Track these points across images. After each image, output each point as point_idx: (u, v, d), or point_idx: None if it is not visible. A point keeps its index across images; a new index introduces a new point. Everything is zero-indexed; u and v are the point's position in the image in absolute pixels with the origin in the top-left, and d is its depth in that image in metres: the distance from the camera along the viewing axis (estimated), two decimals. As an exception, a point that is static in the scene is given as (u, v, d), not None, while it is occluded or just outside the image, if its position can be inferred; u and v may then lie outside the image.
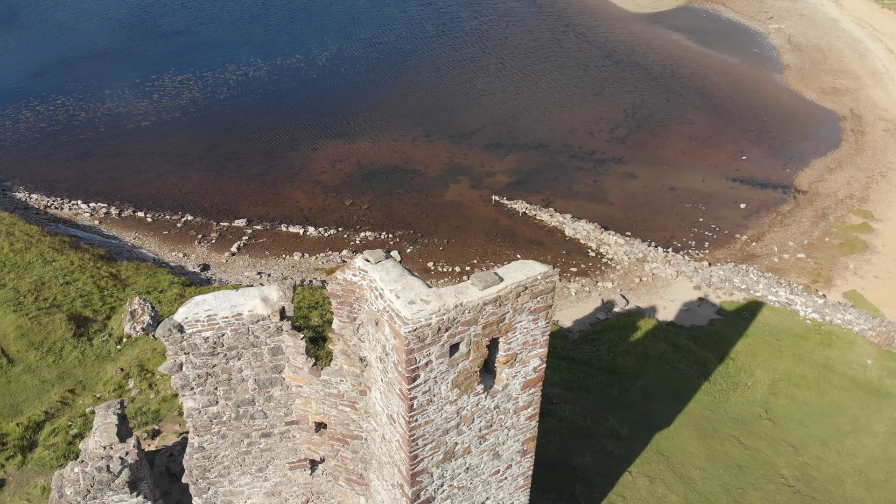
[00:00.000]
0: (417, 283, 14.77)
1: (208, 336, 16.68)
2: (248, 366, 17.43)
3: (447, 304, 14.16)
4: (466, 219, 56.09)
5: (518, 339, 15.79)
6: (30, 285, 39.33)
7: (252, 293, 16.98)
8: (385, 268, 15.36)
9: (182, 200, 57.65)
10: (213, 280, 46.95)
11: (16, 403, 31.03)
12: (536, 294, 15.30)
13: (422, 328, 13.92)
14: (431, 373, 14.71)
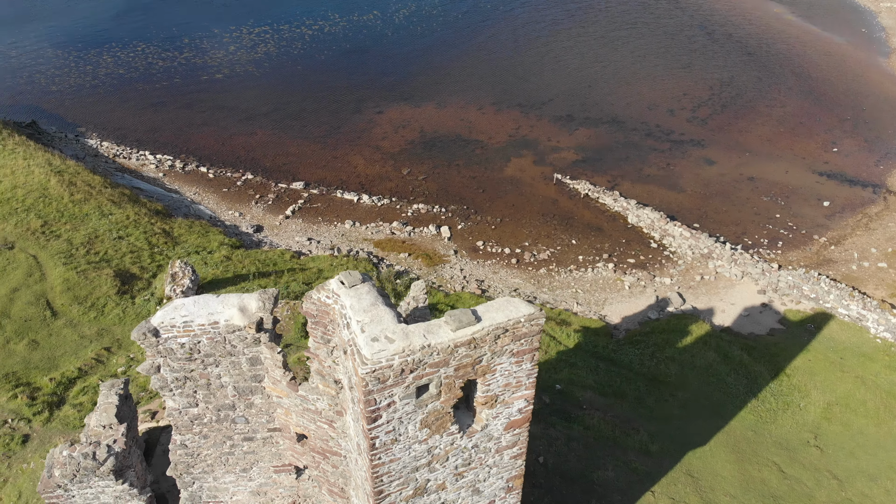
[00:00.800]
0: (387, 316, 13.61)
1: (184, 342, 16.14)
2: (226, 373, 16.87)
3: (413, 344, 12.97)
4: (524, 197, 54.12)
5: (498, 381, 14.47)
6: (83, 238, 40.54)
7: (231, 301, 16.27)
8: (358, 294, 14.25)
9: (245, 158, 58.13)
10: (263, 243, 47.27)
11: (53, 357, 32.14)
12: (519, 337, 13.89)
13: (382, 369, 12.82)
14: (395, 413, 13.65)
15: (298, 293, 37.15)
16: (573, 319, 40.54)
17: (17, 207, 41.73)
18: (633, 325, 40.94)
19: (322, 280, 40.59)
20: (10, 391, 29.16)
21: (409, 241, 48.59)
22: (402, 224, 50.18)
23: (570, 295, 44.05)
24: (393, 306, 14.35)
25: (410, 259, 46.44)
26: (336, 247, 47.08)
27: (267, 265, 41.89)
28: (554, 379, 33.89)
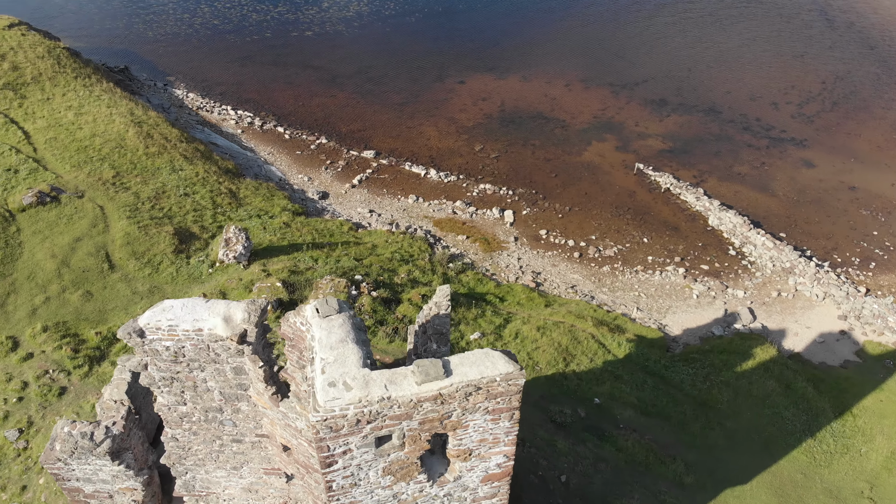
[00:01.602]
0: (353, 357, 12.64)
1: (169, 346, 15.80)
2: (212, 378, 16.47)
3: (371, 395, 11.97)
4: (599, 186, 51.52)
5: (472, 437, 13.30)
6: (151, 192, 41.63)
7: (218, 309, 15.72)
8: (329, 326, 13.32)
9: (322, 120, 58.09)
10: (326, 211, 47.24)
11: (104, 311, 33.26)
12: (494, 395, 12.62)
13: (335, 418, 11.92)
14: (353, 460, 12.78)
15: (347, 269, 36.85)
16: (629, 326, 38.41)
17: (92, 156, 43.27)
18: (694, 340, 38.38)
19: (374, 256, 40.15)
20: (57, 341, 30.38)
21: (470, 222, 47.32)
22: (465, 204, 48.90)
23: (632, 299, 41.74)
24: (366, 343, 13.36)
25: (468, 242, 45.25)
26: (395, 222, 46.47)
27: (323, 235, 41.81)
28: (594, 392, 32.26)
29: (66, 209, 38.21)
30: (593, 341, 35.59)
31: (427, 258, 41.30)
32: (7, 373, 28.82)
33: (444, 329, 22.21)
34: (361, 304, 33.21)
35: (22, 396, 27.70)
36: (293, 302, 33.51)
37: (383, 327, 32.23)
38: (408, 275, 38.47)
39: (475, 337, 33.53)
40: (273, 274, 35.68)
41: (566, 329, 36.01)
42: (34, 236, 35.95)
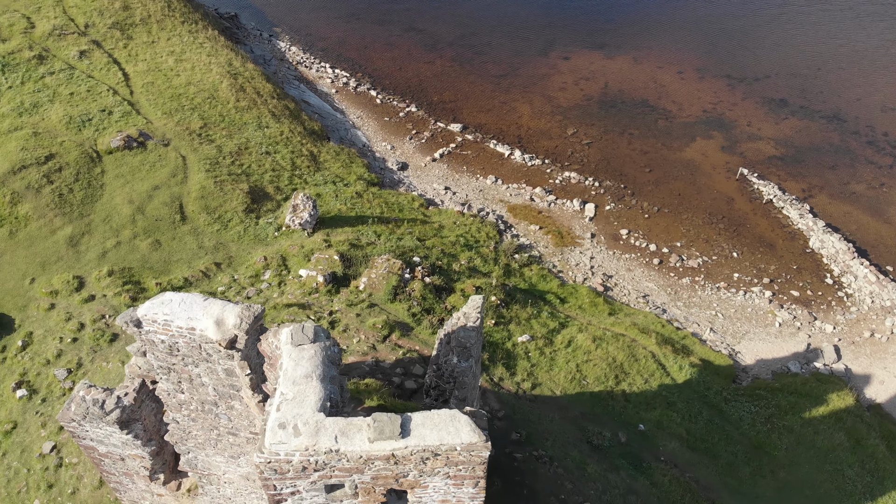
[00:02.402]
0: (312, 398, 11.89)
1: (164, 339, 15.65)
2: (206, 374, 16.27)
3: (319, 445, 11.21)
4: (696, 188, 48.07)
5: (433, 497, 12.35)
6: (233, 147, 42.37)
7: (213, 310, 15.34)
8: (299, 357, 12.60)
9: (415, 87, 57.18)
10: (402, 183, 46.66)
11: (169, 261, 34.33)
12: (455, 463, 11.55)
13: (279, 462, 11.27)
14: (303, 500, 12.15)
15: (407, 249, 36.23)
16: (697, 349, 35.85)
17: (184, 105, 44.44)
18: (765, 374, 35.38)
19: (438, 238, 39.29)
20: (119, 287, 31.65)
21: (547, 212, 45.41)
22: (545, 191, 46.93)
23: (707, 318, 38.90)
24: (333, 380, 12.57)
25: (540, 233, 43.49)
26: (469, 203, 45.28)
27: (392, 209, 41.31)
28: (641, 417, 30.36)
29: (151, 156, 39.52)
30: (652, 361, 33.45)
31: (492, 246, 40.02)
32: (68, 312, 30.35)
33: (469, 343, 21.15)
34: (412, 288, 32.57)
35: (76, 338, 29.10)
36: (346, 277, 33.34)
37: (429, 316, 31.51)
38: (468, 262, 37.42)
39: (524, 339, 32.23)
40: (334, 245, 35.60)
41: (625, 343, 34.00)
42: (116, 180, 37.46)
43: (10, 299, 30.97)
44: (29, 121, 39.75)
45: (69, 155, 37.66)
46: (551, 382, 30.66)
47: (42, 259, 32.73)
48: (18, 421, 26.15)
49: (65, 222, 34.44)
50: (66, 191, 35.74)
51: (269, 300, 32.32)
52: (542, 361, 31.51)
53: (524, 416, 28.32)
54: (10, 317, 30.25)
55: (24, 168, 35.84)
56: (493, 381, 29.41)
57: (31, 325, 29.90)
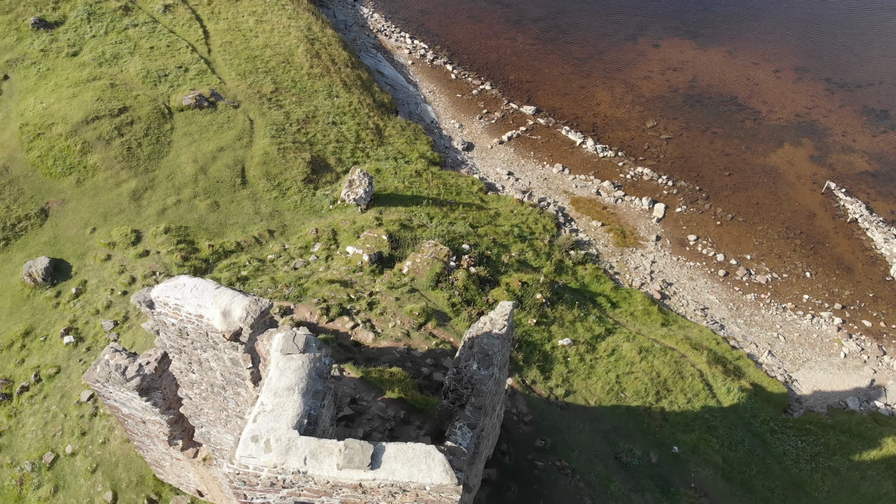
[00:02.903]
0: (291, 412, 11.57)
1: (174, 322, 15.71)
2: (213, 360, 16.28)
3: (287, 465, 10.90)
4: (776, 198, 45.13)
5: (405, 528, 11.87)
6: (301, 114, 42.52)
7: (221, 300, 15.21)
8: (286, 367, 12.29)
9: (493, 64, 55.79)
10: (465, 164, 45.80)
11: (224, 224, 34.93)
12: (424, 501, 11.03)
13: (248, 475, 11.05)
14: (275, 514, 11.93)
15: (457, 235, 35.59)
16: (750, 372, 33.92)
17: (259, 67, 44.79)
18: (820, 407, 33.16)
19: (492, 226, 38.42)
20: (173, 244, 32.45)
21: (612, 208, 43.67)
22: (613, 186, 45.10)
23: (767, 339, 36.71)
24: (317, 394, 12.18)
25: (601, 230, 41.90)
26: (530, 191, 44.04)
27: (450, 192, 40.64)
28: (677, 438, 29.03)
29: (219, 117, 40.13)
30: (699, 380, 31.86)
31: (548, 240, 38.85)
32: (122, 265, 31.38)
33: (492, 351, 20.47)
34: (455, 277, 31.99)
35: (126, 291, 30.08)
36: (392, 258, 33.05)
37: (469, 308, 30.91)
38: (519, 255, 36.47)
39: (564, 343, 31.23)
40: (384, 224, 35.34)
41: (673, 358, 32.48)
42: (184, 138, 38.25)
43: (71, 246, 32.27)
44: (108, 71, 40.99)
45: (142, 109, 38.66)
46: (587, 391, 29.65)
47: (105, 210, 33.90)
48: (62, 366, 27.33)
49: (130, 176, 35.50)
50: (134, 145, 36.77)
51: (314, 273, 32.46)
52: (580, 368, 30.49)
53: (552, 424, 27.53)
54: (68, 263, 31.55)
55: (98, 119, 37.04)
56: (525, 384, 28.66)
57: (86, 274, 31.10)
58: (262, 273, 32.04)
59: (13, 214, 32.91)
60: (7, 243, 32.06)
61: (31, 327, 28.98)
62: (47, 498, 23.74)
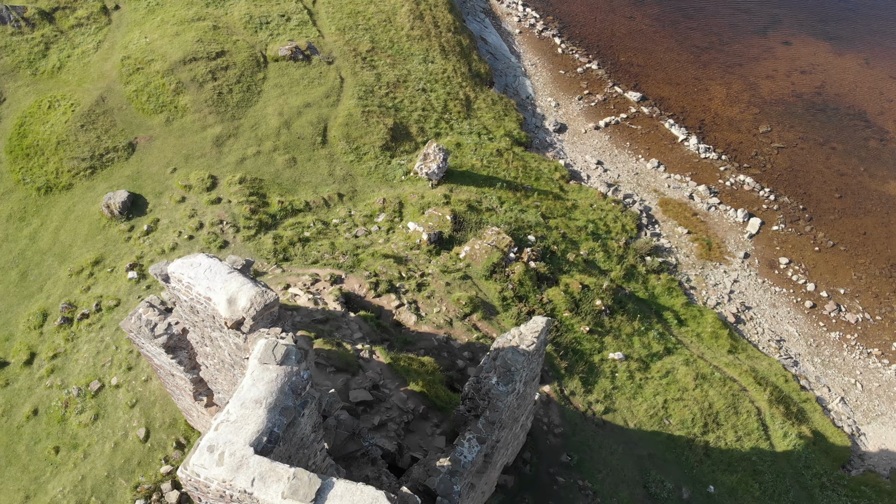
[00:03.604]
0: (251, 428, 11.36)
1: (186, 299, 15.85)
2: (221, 340, 16.38)
3: (235, 483, 10.75)
4: (887, 230, 40.87)
5: (349, 565, 11.54)
6: (392, 78, 41.99)
7: (231, 286, 15.12)
8: (259, 377, 12.04)
9: (604, 42, 52.96)
10: (552, 147, 44.05)
11: (298, 182, 35.26)
12: (364, 549, 10.61)
13: (198, 483, 11.02)
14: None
15: (525, 225, 34.40)
16: (814, 418, 31.34)
17: (359, 24, 44.40)
18: (882, 468, 30.26)
19: (565, 219, 36.90)
20: (245, 196, 33.10)
21: (703, 216, 40.91)
22: (709, 191, 42.15)
23: (843, 385, 33.71)
24: (286, 412, 11.88)
25: (686, 238, 39.38)
26: (617, 185, 41.85)
27: (529, 176, 39.26)
28: (715, 477, 27.34)
29: (312, 71, 40.24)
30: (755, 418, 29.73)
31: (624, 241, 36.94)
32: (194, 209, 32.37)
33: (515, 367, 19.63)
34: (512, 270, 30.97)
35: (193, 236, 31.07)
36: (451, 241, 32.38)
37: (520, 304, 29.93)
38: (588, 254, 34.91)
39: (615, 357, 29.79)
40: (452, 203, 34.63)
41: (731, 391, 30.42)
42: (273, 89, 38.67)
43: (151, 183, 33.58)
44: (213, 13, 41.80)
45: (239, 55, 39.29)
46: (628, 412, 28.28)
47: (187, 152, 34.96)
48: (122, 300, 28.71)
49: (216, 121, 36.33)
50: (225, 90, 37.53)
51: (372, 244, 32.37)
52: (626, 386, 29.07)
53: (583, 440, 26.51)
54: (145, 200, 32.89)
55: (195, 60, 37.97)
56: (563, 394, 27.63)
57: (160, 213, 32.34)
58: (323, 236, 32.26)
59: (103, 145, 34.51)
60: (93, 172, 33.74)
61: (101, 257, 30.55)
62: (87, 424, 25.21)
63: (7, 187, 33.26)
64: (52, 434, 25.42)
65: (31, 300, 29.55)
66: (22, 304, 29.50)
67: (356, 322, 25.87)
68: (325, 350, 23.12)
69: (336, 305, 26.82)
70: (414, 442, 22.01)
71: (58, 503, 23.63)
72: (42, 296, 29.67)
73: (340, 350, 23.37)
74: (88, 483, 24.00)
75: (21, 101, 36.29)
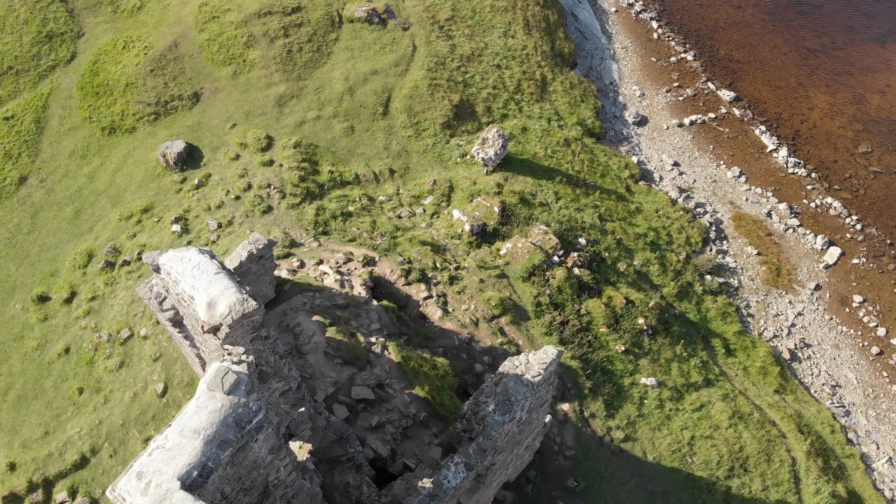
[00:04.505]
0: (183, 459, 11.03)
1: (173, 293, 15.63)
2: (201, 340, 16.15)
3: None
4: None
5: None
6: (467, 50, 40.39)
7: (214, 289, 14.74)
8: (203, 406, 11.63)
9: (706, 33, 49.19)
10: (628, 141, 41.58)
11: (352, 152, 34.66)
12: None
13: None
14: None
15: (578, 226, 32.76)
16: (855, 476, 28.95)
17: (443, -10, 42.75)
18: (932, 552, 27.70)
19: (624, 223, 34.93)
20: (297, 161, 32.79)
21: (778, 237, 37.88)
22: (790, 211, 38.91)
23: (894, 444, 30.98)
24: (225, 444, 11.44)
25: (755, 260, 36.61)
26: (690, 192, 39.19)
27: (594, 171, 37.29)
28: (731, 527, 25.70)
29: (385, 37, 39.18)
30: (788, 470, 27.70)
31: (685, 255, 34.69)
32: (245, 168, 32.41)
33: (516, 398, 18.66)
34: (553, 275, 29.57)
35: (240, 196, 31.16)
36: (495, 234, 31.19)
37: (554, 313, 28.62)
38: (641, 265, 32.98)
39: (648, 382, 28.19)
40: (503, 194, 33.30)
41: (767, 436, 28.39)
42: (343, 52, 37.92)
43: (209, 137, 33.79)
44: (296, -33, 41.14)
45: (314, 13, 38.62)
46: (649, 443, 26.85)
47: (249, 108, 34.90)
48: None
49: (282, 80, 36.04)
50: (295, 49, 37.07)
51: (414, 227, 31.62)
52: (653, 415, 27.54)
53: (594, 467, 25.40)
54: (201, 153, 33.17)
55: (270, 14, 37.58)
56: (581, 415, 26.43)
57: (213, 168, 32.58)
58: (366, 213, 31.72)
59: (169, 91, 34.89)
60: (156, 118, 34.24)
61: (151, 205, 31.16)
62: (112, 370, 26.03)
63: (74, 123, 34.25)
64: (79, 375, 26.43)
65: (81, 239, 30.55)
66: (72, 241, 30.56)
67: (377, 311, 25.37)
68: (335, 340, 22.77)
69: (361, 290, 26.37)
70: (409, 449, 21.54)
71: (73, 443, 24.66)
72: (91, 236, 30.62)
73: (352, 342, 22.97)
74: (104, 428, 24.88)
75: (98, 38, 37.04)
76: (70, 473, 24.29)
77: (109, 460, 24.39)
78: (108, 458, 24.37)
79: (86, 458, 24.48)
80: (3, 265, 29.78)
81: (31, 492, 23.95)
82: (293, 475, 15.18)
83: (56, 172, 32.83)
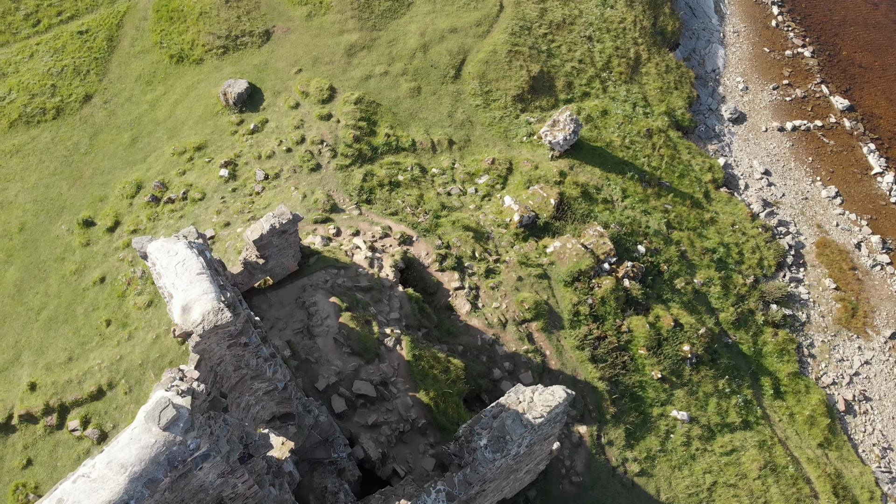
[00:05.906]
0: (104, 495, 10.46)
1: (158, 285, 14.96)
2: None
3: None
4: None
5: None
6: (559, 16, 37.53)
7: (192, 291, 13.93)
8: (135, 440, 10.98)
9: (832, 27, 43.95)
10: (718, 139, 37.99)
11: (415, 116, 33.00)
12: None
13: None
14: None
15: (637, 231, 30.42)
16: (893, 558, 26.52)
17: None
18: None
19: (692, 234, 32.27)
20: (354, 119, 31.41)
21: (862, 273, 34.23)
22: (883, 246, 35.00)
23: (952, 529, 28.07)
24: (150, 484, 10.79)
25: (831, 295, 33.26)
26: (775, 207, 35.70)
27: (672, 170, 34.40)
28: (735, 588, 24.07)
29: (474, -9, 36.67)
30: (813, 536, 25.59)
31: (752, 279, 31.81)
32: (302, 119, 31.41)
33: (511, 437, 17.40)
34: (599, 283, 27.59)
35: (291, 149, 30.31)
36: (545, 229, 29.29)
37: (592, 325, 26.82)
38: (702, 283, 30.42)
39: (679, 416, 26.28)
40: (565, 184, 31.16)
41: (798, 495, 26.21)
42: (424, 4, 35.83)
43: (273, 80, 32.85)
44: None
45: (402, -43, 36.44)
46: (665, 482, 25.21)
47: (317, 55, 33.62)
48: (207, 195, 28.93)
49: (355, 27, 34.44)
50: (375, -5, 35.23)
51: (462, 207, 30.13)
52: (677, 452, 25.77)
53: (601, 498, 24.11)
54: (262, 96, 32.33)
55: (354, -44, 35.67)
56: (598, 441, 24.96)
57: (270, 114, 31.75)
58: (415, 185, 30.31)
59: (241, 26, 33.96)
60: (224, 52, 33.49)
61: (204, 144, 30.78)
62: (141, 308, 26.25)
63: (145, 46, 33.95)
64: (110, 307, 26.81)
65: (133, 168, 30.60)
66: (124, 168, 30.66)
67: (399, 299, 24.33)
68: (348, 327, 21.95)
69: (390, 272, 25.31)
70: (402, 454, 20.77)
71: (93, 374, 25.18)
72: (143, 166, 30.62)
73: (364, 331, 22.09)
74: (123, 364, 25.25)
75: (181, -40, 36.22)
76: (85, 403, 24.86)
77: (124, 397, 24.80)
78: (123, 395, 24.77)
79: (102, 391, 24.96)
80: (56, 183, 30.27)
81: (46, 415, 24.72)
82: (254, 488, 14.62)
83: (120, 95, 32.80)
